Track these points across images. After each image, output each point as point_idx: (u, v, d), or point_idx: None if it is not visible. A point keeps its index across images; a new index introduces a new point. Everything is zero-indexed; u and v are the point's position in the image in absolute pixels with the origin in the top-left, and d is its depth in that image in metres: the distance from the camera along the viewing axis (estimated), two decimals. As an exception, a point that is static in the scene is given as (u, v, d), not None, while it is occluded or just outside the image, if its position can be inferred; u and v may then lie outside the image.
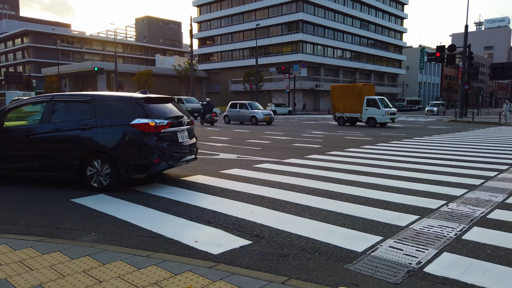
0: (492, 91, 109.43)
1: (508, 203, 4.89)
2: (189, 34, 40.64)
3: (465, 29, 32.11)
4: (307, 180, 6.40)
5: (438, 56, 32.04)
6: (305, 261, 3.17)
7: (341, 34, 67.80)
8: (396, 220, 4.22)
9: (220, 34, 72.18)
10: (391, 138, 14.34)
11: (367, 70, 73.40)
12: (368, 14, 72.92)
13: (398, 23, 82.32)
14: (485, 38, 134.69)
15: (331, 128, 21.24)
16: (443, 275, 2.88)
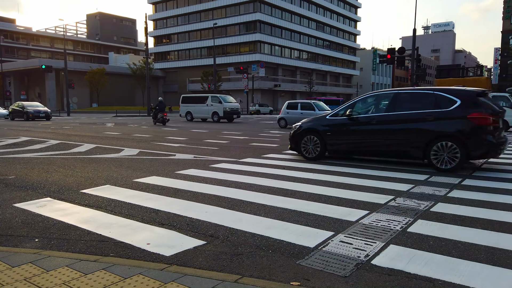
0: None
1: (450, 197, 5.21)
2: (144, 32, 39.64)
3: (413, 33, 33.80)
4: (263, 179, 6.46)
5: (389, 58, 33.49)
6: (259, 259, 3.20)
7: (297, 35, 69.07)
8: (347, 215, 4.36)
9: (176, 32, 71.04)
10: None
11: (323, 71, 75.32)
12: (323, 16, 74.86)
13: (351, 25, 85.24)
14: (432, 41, 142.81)
15: (290, 127, 21.57)
16: (389, 266, 3.02)
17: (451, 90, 7.30)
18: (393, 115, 7.61)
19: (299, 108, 20.39)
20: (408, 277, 2.84)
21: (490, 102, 7.29)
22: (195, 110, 28.33)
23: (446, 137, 7.01)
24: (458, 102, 7.08)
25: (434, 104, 7.28)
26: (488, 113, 6.87)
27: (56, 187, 5.86)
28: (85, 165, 8.00)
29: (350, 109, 8.15)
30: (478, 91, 7.22)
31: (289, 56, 67.85)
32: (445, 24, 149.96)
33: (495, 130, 6.94)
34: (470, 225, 4.00)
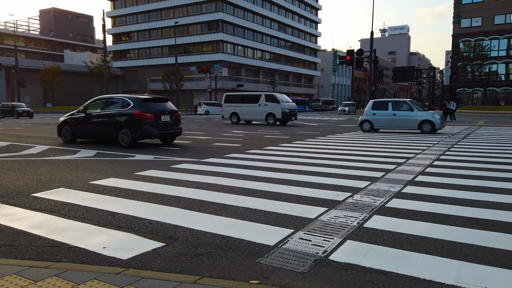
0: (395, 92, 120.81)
1: (404, 193, 5.45)
2: (102, 29, 38.31)
3: (371, 35, 35.01)
4: (225, 179, 6.44)
5: (348, 59, 34.48)
6: (219, 259, 3.18)
7: (260, 35, 69.48)
8: (306, 213, 4.45)
9: (136, 30, 69.28)
10: (307, 136, 15.08)
11: (285, 71, 76.25)
12: (285, 17, 75.77)
13: (312, 27, 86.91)
14: (389, 44, 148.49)
15: (252, 127, 21.66)
16: (345, 261, 3.11)
17: (129, 97, 11.14)
18: (104, 112, 11.33)
19: (390, 108, 16.76)
20: (363, 271, 2.93)
21: (154, 105, 11.13)
22: (243, 111, 24.45)
23: (124, 126, 10.78)
24: (132, 104, 10.83)
25: (122, 106, 11.06)
26: (146, 111, 10.64)
27: (4, 191, 5.54)
28: (37, 167, 7.61)
29: (85, 108, 11.90)
30: (144, 98, 11.14)
31: (252, 56, 68.10)
32: (400, 28, 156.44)
33: (153, 122, 10.78)
34: (422, 219, 4.20)
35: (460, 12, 54.82)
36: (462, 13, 54.63)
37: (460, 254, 3.24)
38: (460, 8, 54.82)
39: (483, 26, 53.27)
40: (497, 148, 10.85)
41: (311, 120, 30.64)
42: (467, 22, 54.68)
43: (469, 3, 54.18)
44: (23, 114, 34.85)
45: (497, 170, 7.26)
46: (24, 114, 34.83)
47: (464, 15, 54.50)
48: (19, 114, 34.90)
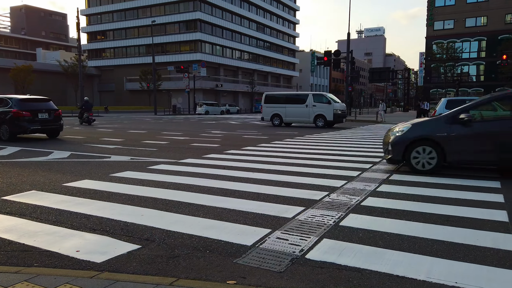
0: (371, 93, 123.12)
1: (379, 191, 5.56)
2: (76, 28, 37.40)
3: (348, 36, 35.55)
4: (203, 179, 6.41)
5: (326, 60, 34.94)
6: (196, 260, 3.17)
7: (239, 35, 69.44)
8: (284, 212, 4.48)
9: (112, 29, 67.97)
10: (285, 136, 15.17)
11: (264, 71, 76.47)
12: (263, 17, 75.98)
13: (291, 27, 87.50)
14: (365, 45, 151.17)
15: (231, 127, 21.62)
16: (321, 259, 3.15)
17: (9, 97, 12.86)
18: None
19: None
20: (339, 268, 2.98)
21: (32, 104, 12.91)
22: (287, 112, 22.09)
23: (3, 123, 12.58)
24: (11, 103, 12.58)
25: (5, 105, 12.73)
26: (21, 109, 12.28)
27: (-28, 194, 5.33)
28: (7, 169, 7.36)
29: None
30: (22, 98, 12.85)
31: (230, 56, 67.97)
32: (376, 29, 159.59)
33: (29, 119, 12.51)
34: (396, 217, 4.30)
35: (433, 14, 56.37)
36: (435, 16, 56.19)
37: (432, 250, 3.34)
38: (433, 11, 56.37)
39: (455, 28, 54.95)
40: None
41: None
42: (440, 24, 56.27)
43: (441, 6, 55.76)
44: None
45: (467, 168, 7.50)
46: None
47: (437, 17, 56.07)
48: None
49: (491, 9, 51.94)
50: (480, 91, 53.33)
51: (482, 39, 53.40)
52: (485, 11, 52.56)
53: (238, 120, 30.81)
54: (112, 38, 68.42)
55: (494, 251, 3.31)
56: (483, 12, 52.83)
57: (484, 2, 52.72)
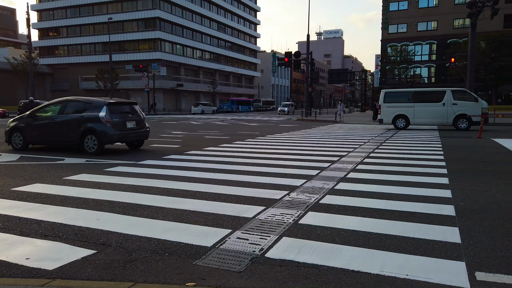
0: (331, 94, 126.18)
1: (336, 189, 5.72)
2: (27, 23, 35.44)
3: (307, 38, 36.24)
4: (162, 181, 6.29)
5: (287, 61, 35.43)
6: (154, 263, 3.11)
7: (199, 35, 68.74)
8: (244, 212, 4.49)
9: (66, 25, 65.02)
10: (247, 136, 15.22)
11: (226, 71, 76.24)
12: (224, 17, 75.74)
13: (252, 28, 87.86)
14: (324, 47, 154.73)
15: (192, 128, 21.38)
16: (281, 257, 3.19)
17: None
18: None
19: None
20: (297, 266, 3.04)
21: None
22: (417, 113, 18.51)
23: None
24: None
25: None
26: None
27: None
28: (-51, 174, 6.85)
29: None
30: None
31: (191, 55, 67.11)
32: (335, 32, 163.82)
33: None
34: (352, 214, 4.44)
35: (388, 18, 58.74)
36: (389, 20, 58.58)
37: (385, 245, 3.48)
38: (388, 15, 58.74)
39: (408, 32, 57.56)
40: (419, 145, 11.79)
41: (251, 121, 30.97)
42: (394, 28, 58.73)
43: (395, 10, 58.22)
44: None
45: (419, 165, 7.89)
46: None
47: (391, 21, 58.48)
48: None
49: (440, 14, 54.94)
50: (431, 92, 56.21)
51: (432, 43, 56.33)
52: (435, 16, 55.51)
53: (199, 120, 30.53)
54: (65, 35, 65.44)
55: (442, 243, 3.51)
56: (433, 17, 55.76)
57: (434, 8, 55.67)
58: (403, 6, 57.67)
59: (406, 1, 57.29)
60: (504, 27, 47.92)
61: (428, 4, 56.30)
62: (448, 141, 13.06)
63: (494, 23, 41.22)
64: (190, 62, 66.13)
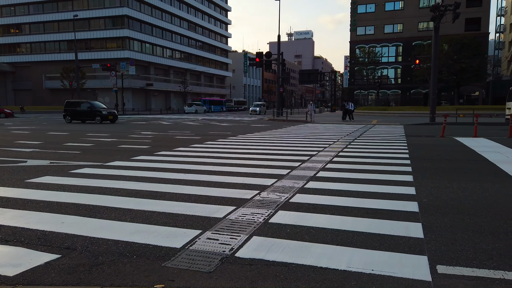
0: (302, 94, 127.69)
1: (306, 188, 5.80)
2: (-14, 19, 33.71)
3: (278, 39, 36.51)
4: (131, 182, 6.17)
5: (258, 61, 35.51)
6: (121, 266, 3.05)
7: (169, 34, 67.80)
8: (215, 212, 4.48)
9: (28, 22, 62.45)
10: (218, 136, 15.16)
11: (197, 71, 75.59)
12: (195, 16, 75.06)
13: (223, 28, 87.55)
14: (295, 48, 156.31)
15: (162, 128, 21.06)
16: (250, 257, 3.21)
17: None
18: None
19: None
20: (267, 264, 3.06)
21: None
22: None
23: None
24: None
25: None
26: None
27: None
28: None
29: None
30: None
31: (161, 54, 66.06)
32: (305, 33, 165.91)
33: None
34: (321, 212, 4.52)
35: (356, 20, 60.10)
36: (357, 22, 59.95)
37: (352, 241, 3.57)
38: (356, 17, 60.11)
39: (375, 34, 59.11)
40: (386, 144, 12.15)
41: (223, 121, 30.87)
42: (362, 30, 60.15)
43: (363, 12, 59.65)
44: None
45: (385, 164, 8.13)
46: None
47: (359, 23, 59.87)
48: None
49: (406, 17, 56.77)
50: (397, 93, 58.04)
51: (399, 45, 58.12)
52: (401, 19, 57.30)
53: (170, 121, 30.10)
54: (28, 32, 62.83)
55: (406, 239, 3.64)
56: (399, 20, 57.54)
57: (400, 11, 57.45)
58: (371, 9, 59.17)
59: (374, 4, 58.81)
60: (465, 31, 50.12)
61: (394, 7, 58.04)
62: (413, 140, 13.52)
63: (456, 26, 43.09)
64: (160, 62, 65.10)
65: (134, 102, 58.09)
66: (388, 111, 40.10)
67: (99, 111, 26.20)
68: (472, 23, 51.42)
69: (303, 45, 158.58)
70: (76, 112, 26.70)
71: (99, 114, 26.06)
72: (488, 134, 15.37)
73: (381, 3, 58.36)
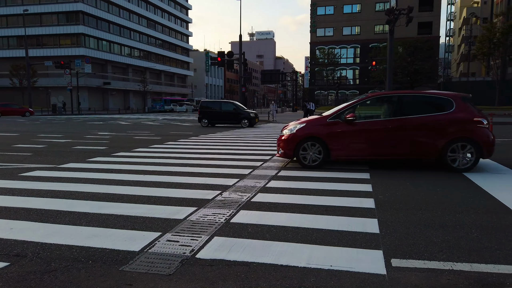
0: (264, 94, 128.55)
1: (268, 187, 5.85)
2: None
3: (240, 39, 36.52)
4: (86, 185, 5.93)
5: (220, 61, 35.31)
6: (76, 272, 2.92)
7: (128, 31, 65.91)
8: (175, 214, 4.41)
9: (-27, 16, 58.35)
10: (179, 137, 14.93)
11: (157, 70, 74.03)
12: (154, 14, 73.47)
13: (183, 26, 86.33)
14: (257, 48, 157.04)
15: (120, 128, 20.43)
16: (212, 257, 3.18)
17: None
18: None
19: None
20: (228, 264, 3.05)
21: None
22: None
23: None
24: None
25: None
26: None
27: None
28: None
29: None
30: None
31: (119, 52, 64.04)
32: (267, 33, 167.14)
33: None
34: (282, 210, 4.58)
35: (316, 22, 61.39)
36: (317, 23, 61.26)
37: (312, 238, 3.64)
38: (316, 19, 61.39)
39: (334, 36, 60.69)
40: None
41: (185, 120, 30.45)
42: (321, 31, 61.54)
43: (322, 14, 61.05)
44: None
45: (345, 162, 8.35)
46: None
47: (319, 25, 61.21)
48: None
49: (363, 20, 58.74)
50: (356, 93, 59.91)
51: (356, 47, 60.02)
52: (358, 22, 59.23)
53: (128, 120, 29.27)
54: (-28, 26, 58.74)
55: (363, 234, 3.76)
56: (356, 22, 59.44)
57: (358, 14, 59.35)
58: (330, 11, 60.67)
59: (332, 6, 60.34)
60: (418, 34, 52.65)
61: (352, 10, 59.87)
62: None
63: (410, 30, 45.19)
64: (118, 59, 63.12)
65: (90, 102, 55.94)
66: (347, 111, 41.26)
67: (247, 113, 22.01)
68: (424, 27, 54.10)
69: (264, 45, 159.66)
70: (216, 114, 22.33)
71: (247, 116, 21.86)
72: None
73: (339, 5, 59.98)
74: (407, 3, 30.80)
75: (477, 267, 3.02)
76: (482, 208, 4.70)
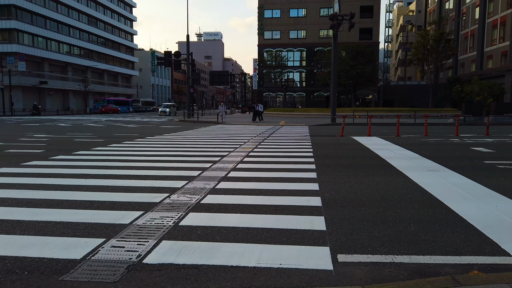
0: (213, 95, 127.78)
1: (217, 189, 5.80)
2: None
3: (187, 38, 35.99)
4: (21, 191, 5.51)
5: (166, 61, 34.57)
6: (10, 285, 2.70)
7: (66, 28, 62.26)
8: (120, 219, 4.23)
9: None
10: (124, 139, 14.37)
11: (99, 69, 70.72)
12: (96, 11, 70.15)
13: (128, 24, 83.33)
14: (205, 48, 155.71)
15: (59, 130, 19.25)
16: (160, 262, 3.09)
17: None
18: None
19: None
20: (177, 268, 2.98)
21: None
22: None
23: None
24: None
25: None
26: None
27: None
28: None
29: None
30: None
31: (57, 50, 60.24)
32: (215, 34, 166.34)
33: None
34: (232, 211, 4.56)
35: (263, 25, 62.15)
36: (265, 26, 62.02)
37: (262, 238, 3.67)
38: (263, 22, 62.15)
39: (281, 39, 61.80)
40: (293, 143, 12.77)
41: (130, 122, 29.38)
42: (269, 34, 62.39)
43: (269, 17, 61.94)
44: None
45: (292, 162, 8.54)
46: None
47: (266, 28, 62.01)
48: None
49: (308, 24, 60.43)
50: (303, 95, 61.52)
51: (303, 50, 61.60)
52: (304, 26, 60.84)
53: (68, 122, 27.64)
54: None
55: (310, 232, 3.85)
56: (302, 26, 61.02)
57: (303, 18, 60.95)
58: (277, 14, 61.70)
59: (279, 10, 61.44)
60: (360, 39, 55.18)
61: (298, 14, 61.35)
62: (317, 139, 14.44)
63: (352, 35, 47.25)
64: (56, 57, 59.39)
65: (25, 102, 52.09)
66: (295, 113, 42.24)
67: None
68: (365, 33, 56.83)
69: (213, 46, 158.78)
70: None
71: None
72: (380, 133, 17.12)
73: (286, 9, 61.22)
74: (349, 9, 32.19)
75: (415, 258, 3.22)
76: (419, 203, 5.02)
